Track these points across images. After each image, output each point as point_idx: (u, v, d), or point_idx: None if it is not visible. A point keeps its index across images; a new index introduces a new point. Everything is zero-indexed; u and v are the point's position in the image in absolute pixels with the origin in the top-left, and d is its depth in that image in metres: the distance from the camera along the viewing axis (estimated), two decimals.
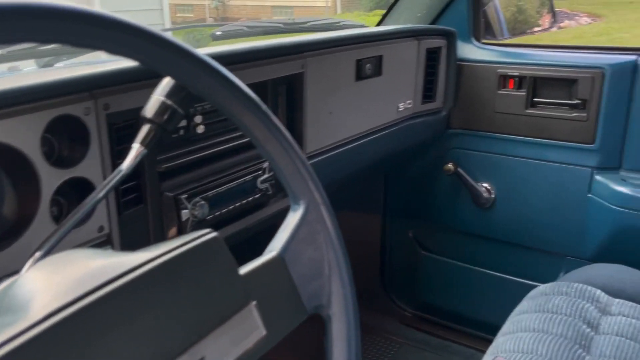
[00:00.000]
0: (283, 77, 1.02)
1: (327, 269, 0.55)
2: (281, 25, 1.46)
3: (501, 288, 1.55)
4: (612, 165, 1.35)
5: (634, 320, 1.06)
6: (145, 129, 0.55)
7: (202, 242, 0.44)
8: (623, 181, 1.32)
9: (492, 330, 1.11)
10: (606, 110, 1.31)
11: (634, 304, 1.10)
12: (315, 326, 0.64)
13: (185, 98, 0.55)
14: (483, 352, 1.04)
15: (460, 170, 1.53)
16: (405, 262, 1.74)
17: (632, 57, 1.30)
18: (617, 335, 1.02)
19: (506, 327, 1.09)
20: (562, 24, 11.01)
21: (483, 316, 1.58)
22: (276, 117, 0.52)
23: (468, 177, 1.52)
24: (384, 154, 1.39)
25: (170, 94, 0.54)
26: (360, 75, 1.21)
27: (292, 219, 0.54)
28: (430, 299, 1.71)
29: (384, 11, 1.59)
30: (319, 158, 1.14)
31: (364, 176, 1.67)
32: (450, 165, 1.53)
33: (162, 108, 0.54)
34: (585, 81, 1.32)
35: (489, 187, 1.53)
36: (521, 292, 1.21)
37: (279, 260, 0.52)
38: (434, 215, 1.64)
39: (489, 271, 1.57)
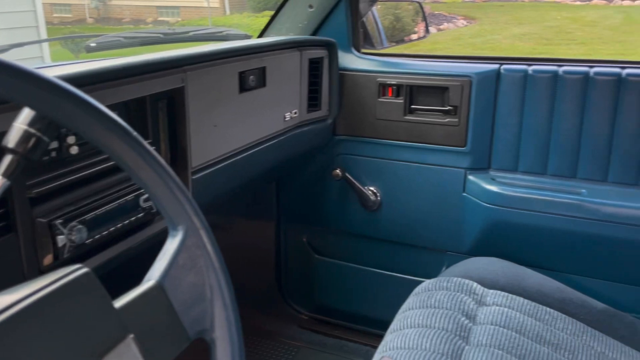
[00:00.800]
0: (162, 92, 1.00)
1: (209, 292, 0.55)
2: (161, 35, 1.43)
3: (391, 286, 1.62)
4: (482, 166, 1.46)
5: (506, 309, 1.15)
6: (7, 159, 0.52)
7: (72, 279, 0.43)
8: (492, 180, 1.43)
9: (384, 326, 1.17)
10: (475, 116, 1.42)
11: (506, 294, 1.20)
12: (200, 351, 0.64)
13: (51, 125, 0.53)
14: (377, 347, 1.09)
15: (347, 175, 1.59)
16: (300, 267, 1.77)
17: (495, 66, 1.41)
18: (492, 324, 1.11)
19: (394, 324, 1.15)
20: (441, 27, 11.66)
21: (375, 314, 1.65)
22: (158, 133, 0.52)
23: (355, 182, 1.58)
24: (274, 163, 1.41)
25: (33, 122, 0.52)
26: (243, 87, 1.21)
27: (171, 245, 0.54)
28: (326, 301, 1.75)
29: (273, 12, 1.60)
30: (206, 172, 1.14)
31: (256, 185, 1.67)
32: (337, 170, 1.58)
33: (25, 137, 0.52)
34: (455, 89, 1.42)
35: (375, 190, 1.59)
36: (409, 288, 1.28)
37: (157, 288, 0.52)
38: (325, 220, 1.68)
39: (378, 270, 1.64)
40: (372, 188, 1.59)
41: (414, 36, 2.27)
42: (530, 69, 1.37)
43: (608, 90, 1.30)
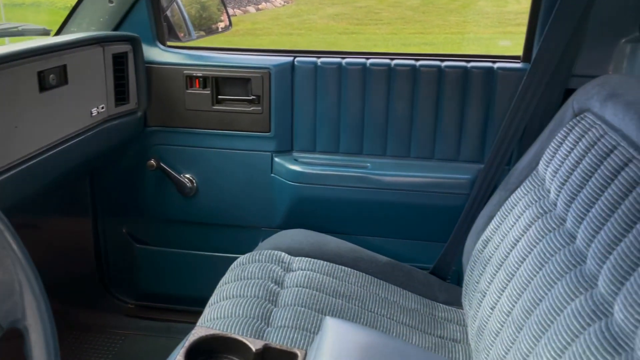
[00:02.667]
0: None
1: (18, 286, 0.62)
2: None
3: (212, 265, 1.73)
4: (286, 148, 1.63)
5: (309, 272, 1.33)
6: None
7: None
8: (295, 161, 1.61)
9: (206, 303, 1.28)
10: (276, 104, 1.57)
11: (309, 259, 1.38)
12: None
13: None
14: None
15: (162, 164, 1.65)
16: (122, 258, 1.80)
17: (290, 59, 1.57)
18: (296, 286, 1.28)
19: (212, 299, 1.27)
20: (260, 6, 11.84)
21: (198, 293, 1.75)
22: None
23: (171, 171, 1.65)
24: (85, 158, 1.43)
25: None
26: (44, 87, 1.22)
27: None
28: (150, 287, 1.81)
29: None
30: (10, 173, 1.14)
31: (69, 181, 1.66)
32: (152, 161, 1.64)
33: None
34: (257, 80, 1.56)
35: (191, 178, 1.68)
36: (227, 266, 1.40)
37: None
38: (144, 209, 1.73)
39: (200, 252, 1.74)
40: (187, 175, 1.68)
41: (221, 24, 2.36)
42: (319, 61, 1.56)
43: (382, 78, 1.53)
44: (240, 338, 0.98)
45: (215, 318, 1.17)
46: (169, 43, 1.68)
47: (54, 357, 0.61)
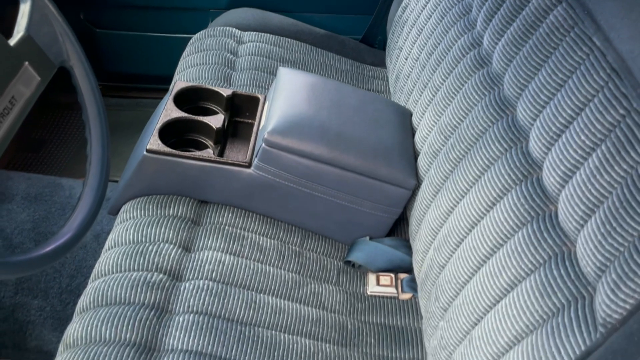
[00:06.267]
0: None
1: (60, 36, 0.85)
2: None
3: (168, 45, 1.93)
4: None
5: (259, 44, 1.57)
6: None
7: None
8: None
9: (169, 80, 1.50)
10: None
11: (258, 32, 1.62)
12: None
13: None
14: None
15: None
16: (84, 43, 1.96)
17: None
18: (249, 54, 1.53)
19: (178, 68, 1.51)
20: None
21: (161, 71, 1.97)
22: None
23: None
24: None
25: None
26: None
27: (25, 6, 0.80)
28: (115, 68, 2.01)
29: None
30: None
31: None
32: None
33: None
34: None
35: None
36: (183, 45, 1.61)
37: (27, 38, 0.79)
38: None
39: (155, 34, 1.93)
40: None
41: None
42: None
43: None
44: (213, 88, 1.26)
45: (194, 79, 1.43)
46: None
47: (95, 86, 0.87)
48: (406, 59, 1.33)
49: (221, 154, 1.17)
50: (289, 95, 1.16)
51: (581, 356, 0.59)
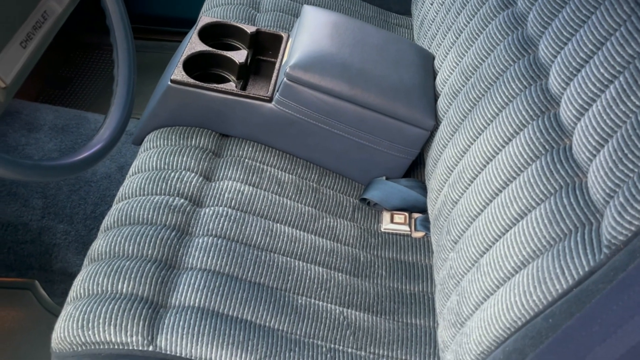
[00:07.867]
0: None
1: None
2: None
3: None
4: None
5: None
6: None
7: None
8: None
9: (191, 23, 1.50)
10: None
11: None
12: None
13: None
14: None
15: None
16: None
17: None
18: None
19: (204, 7, 1.52)
20: None
21: (184, 13, 1.97)
22: None
23: None
24: None
25: None
26: None
27: None
28: (138, 9, 2.00)
29: None
30: None
31: None
32: None
33: None
34: None
35: None
36: None
37: None
38: None
39: None
40: None
41: None
42: None
43: None
44: (238, 24, 1.27)
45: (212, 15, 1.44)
46: None
47: (127, 25, 0.89)
48: (432, 4, 1.32)
49: (243, 89, 1.19)
50: (312, 32, 1.17)
51: (584, 276, 0.61)
